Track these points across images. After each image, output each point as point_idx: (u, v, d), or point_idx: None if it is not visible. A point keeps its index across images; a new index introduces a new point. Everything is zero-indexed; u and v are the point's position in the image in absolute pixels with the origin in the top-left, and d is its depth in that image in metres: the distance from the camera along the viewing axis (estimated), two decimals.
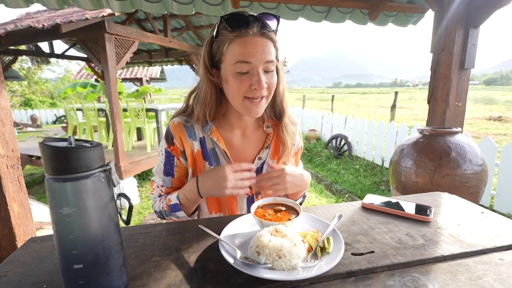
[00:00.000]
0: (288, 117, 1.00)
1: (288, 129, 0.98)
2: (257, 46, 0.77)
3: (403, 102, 26.53)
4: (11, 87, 18.18)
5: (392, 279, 0.54)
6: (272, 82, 0.83)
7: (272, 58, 0.80)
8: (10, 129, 1.28)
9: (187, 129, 0.93)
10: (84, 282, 0.45)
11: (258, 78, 0.78)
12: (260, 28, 0.78)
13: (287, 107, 0.99)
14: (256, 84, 0.78)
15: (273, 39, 0.80)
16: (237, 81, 0.79)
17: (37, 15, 4.77)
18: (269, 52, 0.79)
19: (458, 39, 1.56)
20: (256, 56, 0.77)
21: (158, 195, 0.98)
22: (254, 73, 0.78)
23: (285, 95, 0.97)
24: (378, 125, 5.66)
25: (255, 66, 0.78)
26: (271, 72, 0.82)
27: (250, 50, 0.76)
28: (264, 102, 0.85)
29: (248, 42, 0.77)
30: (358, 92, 62.59)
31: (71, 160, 0.42)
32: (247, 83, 0.79)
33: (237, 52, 0.77)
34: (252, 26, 0.77)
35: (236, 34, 0.77)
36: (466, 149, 1.32)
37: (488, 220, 0.76)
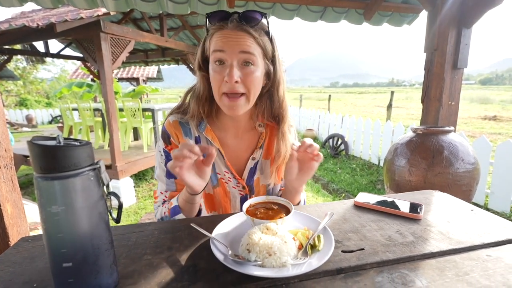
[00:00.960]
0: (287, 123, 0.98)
1: (285, 137, 0.96)
2: (231, 37, 0.78)
3: (400, 101, 26.68)
4: (6, 86, 18.02)
5: (381, 275, 0.54)
6: (250, 79, 0.81)
7: (249, 50, 0.79)
8: (3, 129, 1.27)
9: (183, 127, 0.94)
10: (74, 281, 0.45)
11: (229, 70, 0.78)
12: (238, 22, 0.79)
13: (287, 114, 0.96)
14: (227, 76, 0.78)
15: (252, 34, 0.80)
16: (214, 73, 0.81)
17: (32, 14, 4.74)
18: (245, 44, 0.79)
19: (451, 38, 1.58)
20: (229, 45, 0.78)
21: (162, 202, 0.95)
22: (228, 65, 0.79)
23: (285, 101, 0.95)
24: (375, 125, 5.69)
25: (229, 56, 0.78)
26: (249, 67, 0.80)
27: (223, 41, 0.78)
28: (243, 101, 0.83)
29: (224, 34, 0.79)
30: (355, 92, 62.81)
31: (60, 158, 0.42)
32: (222, 75, 0.79)
33: (215, 44, 0.80)
34: (231, 20, 0.79)
35: (216, 28, 0.80)
36: (458, 148, 1.33)
37: (477, 218, 0.77)
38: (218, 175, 0.96)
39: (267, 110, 0.96)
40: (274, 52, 0.88)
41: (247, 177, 0.98)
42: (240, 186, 0.98)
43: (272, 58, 0.88)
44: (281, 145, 0.95)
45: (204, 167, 0.75)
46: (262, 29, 0.83)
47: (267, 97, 0.94)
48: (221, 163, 0.95)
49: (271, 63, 0.89)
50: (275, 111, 0.96)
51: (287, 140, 0.96)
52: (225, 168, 0.95)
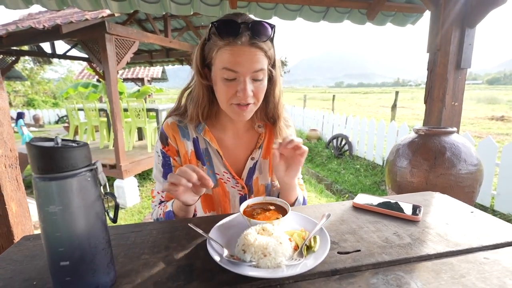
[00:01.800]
0: (283, 120, 1.00)
1: (282, 134, 0.97)
2: (245, 56, 0.77)
3: (405, 101, 26.44)
4: (14, 87, 18.31)
5: (376, 277, 0.54)
6: (259, 90, 0.83)
7: (261, 67, 0.79)
8: (8, 129, 1.30)
9: (180, 129, 0.95)
10: (71, 279, 0.46)
11: (243, 87, 0.78)
12: (250, 37, 0.77)
13: (282, 113, 0.98)
14: (241, 92, 0.79)
15: (263, 49, 0.79)
16: (224, 87, 0.80)
17: (38, 15, 4.81)
18: (258, 61, 0.78)
19: (454, 39, 1.56)
20: (242, 65, 0.77)
21: (159, 202, 0.96)
22: (241, 81, 0.79)
23: (281, 100, 0.97)
24: (379, 125, 5.65)
25: (241, 75, 0.78)
26: (260, 80, 0.82)
27: (237, 59, 0.76)
28: (252, 107, 0.85)
29: (236, 51, 0.76)
30: (360, 92, 62.42)
31: (57, 159, 0.43)
32: (233, 89, 0.80)
33: (225, 60, 0.78)
34: (242, 35, 0.76)
35: (225, 43, 0.77)
36: (461, 149, 1.32)
37: (477, 220, 0.76)
38: (217, 175, 0.96)
39: (263, 109, 0.97)
40: (275, 56, 0.89)
41: (246, 177, 0.99)
42: (239, 186, 0.98)
43: (273, 63, 0.89)
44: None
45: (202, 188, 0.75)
46: (269, 40, 0.82)
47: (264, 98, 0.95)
48: (219, 163, 0.96)
49: (273, 68, 0.90)
50: (271, 111, 0.97)
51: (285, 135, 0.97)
52: (223, 169, 0.96)
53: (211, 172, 0.96)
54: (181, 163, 0.96)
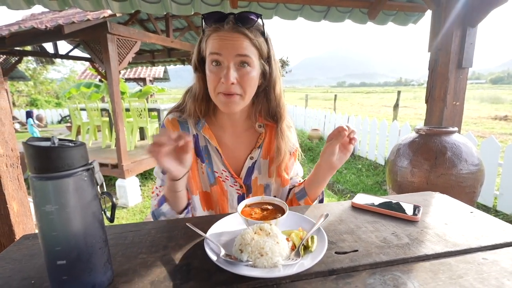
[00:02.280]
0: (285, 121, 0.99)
1: (284, 135, 0.97)
2: (227, 39, 0.79)
3: (408, 101, 26.31)
4: (17, 87, 18.43)
5: (373, 277, 0.54)
6: (245, 80, 0.82)
7: (245, 53, 0.80)
8: (10, 129, 1.31)
9: (181, 125, 0.96)
10: (68, 278, 0.47)
11: (226, 72, 0.79)
12: (233, 23, 0.80)
13: (285, 112, 0.97)
14: (224, 77, 0.79)
15: (248, 36, 0.80)
16: (211, 74, 0.82)
17: (41, 16, 4.84)
18: (241, 46, 0.80)
19: (456, 38, 1.55)
20: (225, 48, 0.79)
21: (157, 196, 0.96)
22: (224, 66, 0.80)
23: (283, 100, 0.96)
24: (381, 125, 5.63)
25: (225, 58, 0.79)
26: (246, 68, 0.82)
27: (220, 43, 0.79)
28: (239, 100, 0.84)
29: (220, 36, 0.80)
30: (362, 92, 62.22)
31: (53, 159, 0.43)
32: (218, 76, 0.81)
33: (211, 45, 0.81)
34: (227, 22, 0.80)
35: (212, 29, 0.81)
36: (462, 149, 1.31)
37: (476, 220, 0.76)
38: (215, 173, 0.97)
39: (265, 109, 0.97)
40: (270, 52, 0.89)
41: (244, 176, 0.99)
42: (238, 185, 0.99)
43: (267, 58, 0.89)
44: (281, 143, 0.96)
45: (184, 154, 0.74)
46: (257, 30, 0.84)
47: (263, 96, 0.95)
48: (218, 161, 0.96)
49: (266, 63, 0.89)
50: (273, 110, 0.97)
51: (286, 138, 0.97)
52: (222, 167, 0.96)
53: (209, 170, 0.96)
54: None
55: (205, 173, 0.97)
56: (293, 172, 1.09)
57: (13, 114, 12.88)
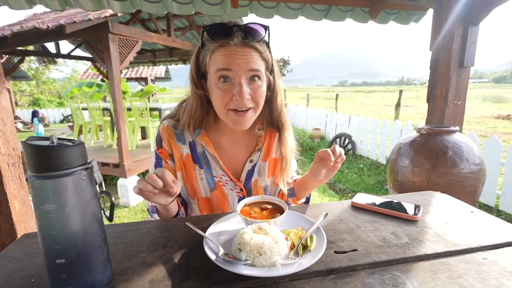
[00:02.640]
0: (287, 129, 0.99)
1: (287, 143, 0.97)
2: (238, 55, 0.75)
3: (410, 100, 26.20)
4: (20, 87, 18.51)
5: (372, 277, 0.54)
6: (258, 94, 0.80)
7: (256, 67, 0.78)
8: (11, 128, 1.32)
9: (175, 133, 0.94)
10: (67, 276, 0.47)
11: (239, 88, 0.76)
12: (243, 38, 0.77)
13: (287, 121, 0.97)
14: (238, 95, 0.76)
15: (258, 49, 0.79)
16: (220, 91, 0.78)
17: (43, 16, 4.85)
18: (253, 61, 0.77)
19: (457, 37, 1.54)
20: (237, 65, 0.75)
21: None
22: (236, 83, 0.76)
23: (284, 109, 0.96)
24: (382, 124, 5.62)
25: (236, 75, 0.76)
26: (257, 82, 0.80)
27: (230, 60, 0.75)
28: (252, 114, 0.83)
29: (229, 52, 0.76)
30: (363, 91, 62.01)
31: (52, 158, 0.43)
32: (229, 93, 0.77)
33: (218, 62, 0.77)
34: (234, 36, 0.76)
35: (218, 45, 0.77)
36: (463, 148, 1.31)
37: (477, 220, 0.76)
38: (215, 178, 0.96)
39: (266, 118, 0.97)
40: (273, 61, 0.88)
41: (244, 179, 0.98)
42: (238, 188, 0.98)
43: (271, 68, 0.89)
44: (287, 151, 0.97)
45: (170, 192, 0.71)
46: (264, 42, 0.82)
47: (266, 106, 0.94)
48: (217, 166, 0.96)
49: (270, 74, 0.89)
50: (275, 119, 0.96)
51: (289, 144, 0.98)
52: (221, 171, 0.96)
53: (209, 175, 0.96)
54: (174, 167, 0.96)
55: (204, 179, 0.96)
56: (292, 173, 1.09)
57: (15, 114, 12.94)
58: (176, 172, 0.96)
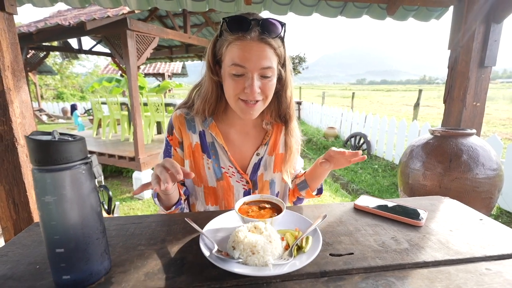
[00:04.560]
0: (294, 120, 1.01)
1: (294, 134, 0.99)
2: (253, 51, 0.78)
3: (431, 100, 25.20)
4: (45, 81, 19.37)
5: (365, 281, 0.53)
6: (268, 88, 0.83)
7: (269, 65, 0.80)
8: (30, 121, 1.38)
9: (187, 121, 0.97)
10: (66, 265, 0.49)
11: (251, 83, 0.79)
12: (260, 33, 0.78)
13: (294, 113, 1.00)
14: (248, 89, 0.79)
15: (273, 46, 0.80)
16: (232, 82, 0.81)
17: (67, 13, 5.04)
18: (266, 58, 0.79)
19: (478, 35, 1.46)
20: (251, 61, 0.78)
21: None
22: (249, 77, 0.80)
23: (292, 101, 0.98)
24: (400, 124, 5.45)
25: (249, 70, 0.79)
26: (268, 78, 0.82)
27: (245, 55, 0.78)
28: (260, 105, 0.86)
29: (245, 46, 0.78)
30: (382, 89, 60.29)
31: (52, 152, 0.45)
32: (241, 85, 0.80)
33: (234, 55, 0.79)
34: (252, 30, 0.78)
35: (235, 37, 0.79)
36: (479, 152, 1.25)
37: (485, 228, 0.72)
38: (222, 169, 0.98)
39: (275, 110, 0.99)
40: (285, 56, 0.89)
41: (251, 172, 1.00)
42: (244, 181, 0.99)
43: (284, 62, 0.89)
44: (292, 142, 0.99)
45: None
46: (279, 38, 0.83)
47: (275, 98, 0.96)
48: (225, 158, 0.97)
49: (282, 67, 0.89)
50: (283, 112, 0.98)
51: (296, 135, 1.01)
52: (229, 163, 0.98)
53: (216, 166, 0.98)
54: (182, 155, 0.98)
55: (211, 169, 0.98)
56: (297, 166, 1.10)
57: (41, 107, 13.57)
58: (184, 160, 0.99)
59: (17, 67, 1.27)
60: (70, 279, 0.50)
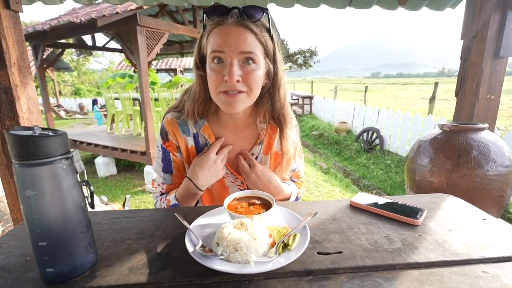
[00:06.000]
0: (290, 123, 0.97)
1: (289, 138, 0.95)
2: (231, 35, 0.75)
3: (450, 93, 24.23)
4: (63, 77, 19.98)
5: (351, 281, 0.51)
6: (251, 78, 0.78)
7: (249, 50, 0.76)
8: (37, 117, 1.42)
9: (180, 125, 0.94)
10: (49, 258, 0.50)
11: (229, 69, 0.75)
12: (238, 17, 0.76)
13: (289, 115, 0.94)
14: (227, 75, 0.75)
15: (253, 30, 0.77)
16: (213, 73, 0.78)
17: (80, 10, 5.14)
18: (245, 42, 0.76)
19: (493, 23, 1.37)
20: (229, 45, 0.75)
21: (160, 194, 0.99)
22: (227, 64, 0.76)
23: (287, 102, 0.94)
24: (414, 119, 5.29)
25: (228, 55, 0.76)
26: (251, 66, 0.78)
27: (223, 39, 0.75)
28: (244, 97, 0.81)
29: (223, 30, 0.76)
30: (398, 83, 58.52)
31: (30, 147, 0.45)
32: (220, 75, 0.77)
33: (213, 42, 0.77)
34: (230, 15, 0.76)
35: (214, 24, 0.77)
36: (490, 148, 1.18)
37: (488, 228, 0.68)
38: None
39: (269, 111, 0.94)
40: (275, 50, 0.86)
41: None
42: (239, 181, 0.98)
43: (273, 56, 0.86)
44: (288, 146, 0.95)
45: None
46: (263, 26, 0.81)
47: (267, 98, 0.92)
48: None
49: (272, 62, 0.86)
50: (277, 112, 0.93)
51: (290, 140, 0.96)
52: None
53: None
54: (182, 158, 0.97)
55: None
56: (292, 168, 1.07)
57: (59, 102, 14.03)
58: (184, 164, 0.98)
59: (23, 63, 1.30)
60: (53, 271, 0.51)
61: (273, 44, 0.84)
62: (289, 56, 16.49)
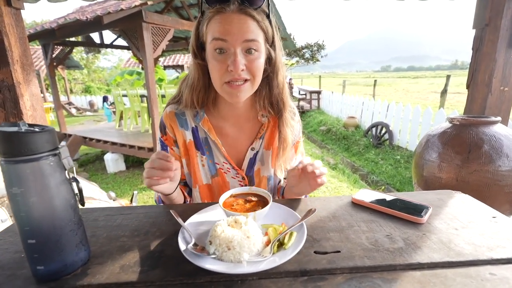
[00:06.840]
0: (289, 112, 0.94)
1: (289, 123, 0.93)
2: (233, 23, 0.73)
3: (463, 86, 23.56)
4: (73, 75, 20.32)
5: (348, 283, 0.49)
6: (255, 65, 0.77)
7: (253, 38, 0.75)
8: (41, 114, 1.43)
9: (178, 118, 0.93)
10: (38, 256, 0.49)
11: (234, 58, 0.73)
12: (239, 4, 0.74)
13: (288, 100, 0.93)
14: (232, 65, 0.74)
15: (255, 17, 0.75)
16: (215, 62, 0.76)
17: (87, 8, 5.19)
18: (249, 30, 0.74)
19: (508, 10, 1.30)
20: (232, 34, 0.73)
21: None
22: (231, 53, 0.74)
23: (286, 88, 0.92)
24: (424, 113, 5.16)
25: (231, 45, 0.74)
26: (254, 53, 0.77)
27: (226, 27, 0.73)
28: (248, 87, 0.80)
29: (225, 19, 0.74)
30: (409, 76, 57.22)
31: (15, 144, 0.44)
32: (224, 64, 0.75)
33: (214, 30, 0.75)
34: (232, 2, 0.74)
35: (214, 11, 0.75)
36: (503, 142, 1.13)
37: (497, 227, 0.65)
38: (217, 165, 0.95)
39: (267, 97, 0.92)
40: (274, 35, 0.84)
41: (246, 167, 0.96)
42: (240, 177, 0.96)
43: (272, 41, 0.84)
44: (287, 132, 0.92)
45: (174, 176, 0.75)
46: (263, 11, 0.79)
47: (265, 83, 0.90)
48: (219, 153, 0.94)
49: (271, 47, 0.84)
50: (275, 98, 0.91)
51: (291, 126, 0.94)
52: (223, 159, 0.94)
53: (210, 162, 0.95)
54: (179, 153, 0.96)
55: (206, 165, 0.95)
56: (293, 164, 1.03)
57: (70, 100, 14.29)
58: (182, 159, 0.97)
59: (26, 61, 1.31)
60: (44, 269, 0.50)
61: (272, 29, 0.82)
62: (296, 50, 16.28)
